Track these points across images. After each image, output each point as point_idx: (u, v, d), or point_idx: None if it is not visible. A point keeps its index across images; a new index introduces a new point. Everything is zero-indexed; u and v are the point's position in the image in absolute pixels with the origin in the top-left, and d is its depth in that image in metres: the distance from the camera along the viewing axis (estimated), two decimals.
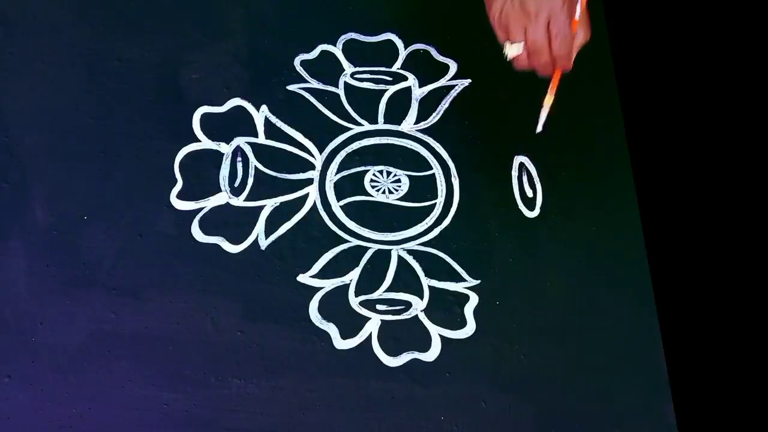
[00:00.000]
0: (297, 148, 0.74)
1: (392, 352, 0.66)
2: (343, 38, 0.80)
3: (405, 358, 0.66)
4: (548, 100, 0.67)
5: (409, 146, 0.75)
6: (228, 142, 0.73)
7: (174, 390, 0.63)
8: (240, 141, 0.73)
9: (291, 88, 0.77)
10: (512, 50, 0.62)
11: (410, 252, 0.70)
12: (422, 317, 0.68)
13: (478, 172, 0.75)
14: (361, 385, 0.65)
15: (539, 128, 0.68)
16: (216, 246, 0.69)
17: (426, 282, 0.69)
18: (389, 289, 0.69)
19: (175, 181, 0.71)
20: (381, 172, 0.74)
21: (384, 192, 0.73)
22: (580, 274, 0.71)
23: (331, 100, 0.77)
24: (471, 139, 0.76)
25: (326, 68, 0.78)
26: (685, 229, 0.87)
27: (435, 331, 0.67)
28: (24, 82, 0.73)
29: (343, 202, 0.72)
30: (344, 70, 0.78)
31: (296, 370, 0.65)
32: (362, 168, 0.74)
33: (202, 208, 0.70)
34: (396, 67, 0.79)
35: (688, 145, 0.90)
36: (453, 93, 0.78)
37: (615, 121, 0.79)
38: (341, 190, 0.73)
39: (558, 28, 0.59)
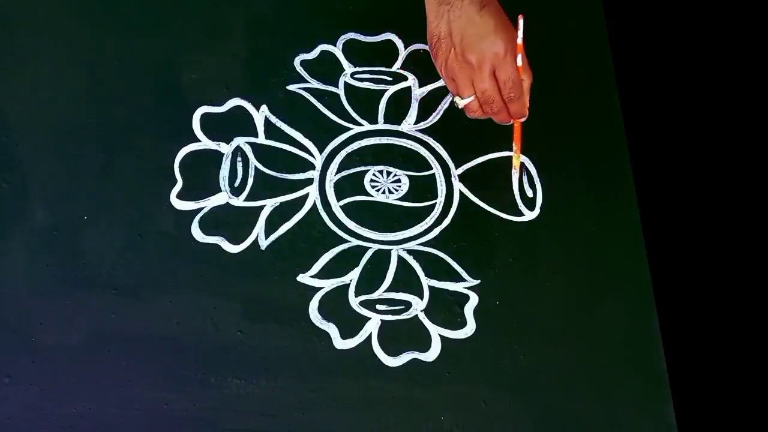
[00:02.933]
0: (297, 148, 0.74)
1: (392, 352, 0.66)
2: (343, 38, 0.80)
3: (405, 358, 0.66)
4: (516, 162, 0.67)
5: (409, 146, 0.75)
6: (228, 142, 0.73)
7: (174, 390, 0.63)
8: (240, 141, 0.73)
9: (291, 88, 0.77)
10: (463, 102, 0.61)
11: (410, 252, 0.70)
12: (422, 317, 0.68)
13: (478, 172, 0.75)
14: (361, 385, 0.65)
15: (515, 188, 0.68)
16: (216, 246, 0.69)
17: (426, 282, 0.69)
18: (389, 289, 0.69)
19: (175, 181, 0.71)
20: (381, 172, 0.74)
21: (384, 192, 0.73)
22: (580, 274, 0.71)
23: (331, 100, 0.77)
24: (471, 139, 0.76)
25: (326, 68, 0.78)
26: (685, 229, 0.87)
27: (435, 331, 0.67)
28: (24, 82, 0.73)
29: (343, 202, 0.72)
30: (344, 70, 0.78)
31: (296, 370, 0.65)
32: (362, 168, 0.74)
33: (202, 208, 0.70)
34: (396, 67, 0.79)
35: (688, 145, 0.90)
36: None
37: (615, 121, 0.79)
38: (341, 190, 0.73)
39: (506, 74, 0.58)
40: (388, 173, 0.74)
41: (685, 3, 0.93)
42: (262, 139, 0.74)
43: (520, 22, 0.60)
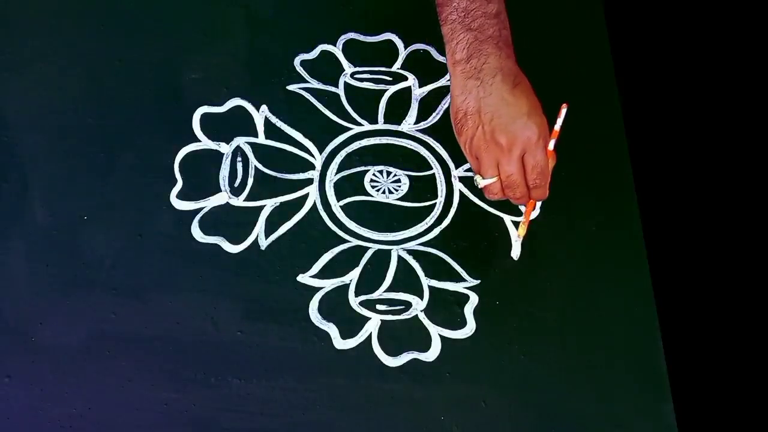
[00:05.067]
0: (297, 148, 0.74)
1: (392, 352, 0.66)
2: (343, 38, 0.80)
3: (405, 358, 0.66)
4: (521, 232, 0.67)
5: (409, 146, 0.75)
6: (228, 142, 0.73)
7: (174, 390, 0.63)
8: (240, 141, 0.73)
9: (291, 88, 0.77)
10: (484, 183, 0.59)
11: (410, 252, 0.70)
12: (422, 317, 0.68)
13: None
14: (361, 385, 0.65)
15: (515, 256, 0.68)
16: (216, 246, 0.69)
17: (426, 282, 0.69)
18: (389, 289, 0.69)
19: (175, 181, 0.71)
20: (381, 172, 0.74)
21: (384, 192, 0.73)
22: (580, 274, 0.71)
23: (331, 100, 0.77)
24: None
25: (326, 68, 0.78)
26: (685, 229, 0.87)
27: (435, 331, 0.67)
28: (24, 82, 0.73)
29: (343, 202, 0.72)
30: (344, 70, 0.78)
31: (296, 370, 0.65)
32: (362, 168, 0.74)
33: (202, 208, 0.70)
34: (396, 67, 0.79)
35: (688, 145, 0.90)
36: None
37: (615, 121, 0.79)
38: (341, 190, 0.73)
39: (535, 160, 0.56)
40: (388, 173, 0.74)
41: (685, 3, 0.93)
42: (262, 139, 0.74)
43: (563, 110, 0.59)
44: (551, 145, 0.58)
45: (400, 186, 0.73)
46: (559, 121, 0.59)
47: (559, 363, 0.68)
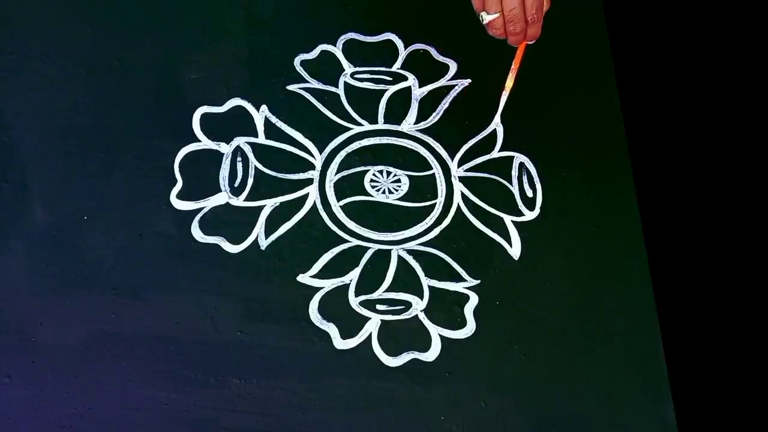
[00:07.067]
0: (297, 148, 0.74)
1: (392, 352, 0.66)
2: (343, 38, 0.80)
3: (405, 358, 0.66)
4: (509, 84, 0.68)
5: (409, 146, 0.75)
6: (228, 142, 0.73)
7: (174, 390, 0.63)
8: (240, 141, 0.73)
9: (291, 88, 0.77)
10: (489, 18, 0.63)
11: (410, 252, 0.70)
12: (422, 317, 0.68)
13: (478, 172, 0.75)
14: (361, 385, 0.65)
15: (497, 118, 0.68)
16: (216, 246, 0.69)
17: (426, 282, 0.69)
18: (389, 289, 0.69)
19: (175, 181, 0.71)
20: (381, 172, 0.74)
21: (384, 192, 0.73)
22: (580, 273, 0.71)
23: (331, 100, 0.77)
24: (471, 139, 0.76)
25: (326, 68, 0.78)
26: (685, 228, 0.87)
27: (435, 331, 0.67)
28: (24, 82, 0.73)
29: (343, 202, 0.72)
30: (344, 70, 0.78)
31: (296, 370, 0.65)
32: (362, 168, 0.74)
33: (202, 208, 0.70)
34: (396, 67, 0.79)
35: (688, 145, 0.90)
36: (453, 93, 0.78)
37: (615, 121, 0.79)
38: (341, 190, 0.73)
39: None
40: (388, 173, 0.74)
41: (685, 3, 0.93)
42: (262, 139, 0.74)
43: None
44: None
45: (400, 186, 0.73)
46: None
47: (559, 363, 0.68)
